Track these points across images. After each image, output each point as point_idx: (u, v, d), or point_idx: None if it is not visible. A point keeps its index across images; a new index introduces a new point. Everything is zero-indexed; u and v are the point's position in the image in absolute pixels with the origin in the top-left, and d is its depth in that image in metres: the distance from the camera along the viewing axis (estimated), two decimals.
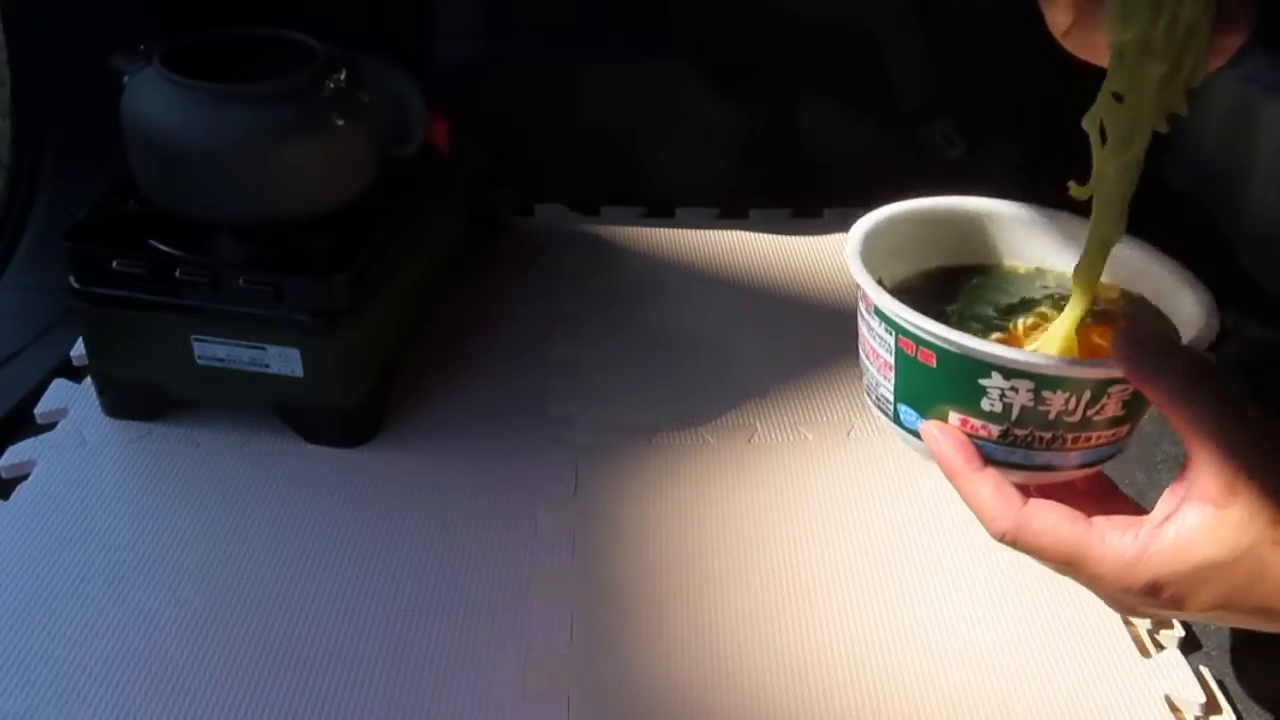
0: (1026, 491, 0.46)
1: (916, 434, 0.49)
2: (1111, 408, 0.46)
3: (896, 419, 0.50)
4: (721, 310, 1.04)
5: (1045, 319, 0.50)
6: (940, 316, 0.47)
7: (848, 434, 0.89)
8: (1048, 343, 0.48)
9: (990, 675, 0.70)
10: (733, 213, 1.19)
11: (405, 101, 0.90)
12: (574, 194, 1.19)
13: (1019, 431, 0.46)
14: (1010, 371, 0.44)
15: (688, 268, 1.10)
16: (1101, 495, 0.50)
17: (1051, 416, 0.45)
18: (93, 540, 0.76)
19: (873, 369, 0.51)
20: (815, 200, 1.20)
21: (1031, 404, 0.45)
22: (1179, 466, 0.44)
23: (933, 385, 0.47)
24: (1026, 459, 0.47)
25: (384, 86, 0.87)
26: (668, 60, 1.16)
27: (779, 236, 1.15)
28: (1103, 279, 0.51)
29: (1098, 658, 0.71)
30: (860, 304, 0.50)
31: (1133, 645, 0.72)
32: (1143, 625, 0.74)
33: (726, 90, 1.18)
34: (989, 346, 0.44)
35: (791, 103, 1.19)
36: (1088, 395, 0.45)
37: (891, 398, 0.50)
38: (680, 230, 1.16)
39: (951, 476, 0.47)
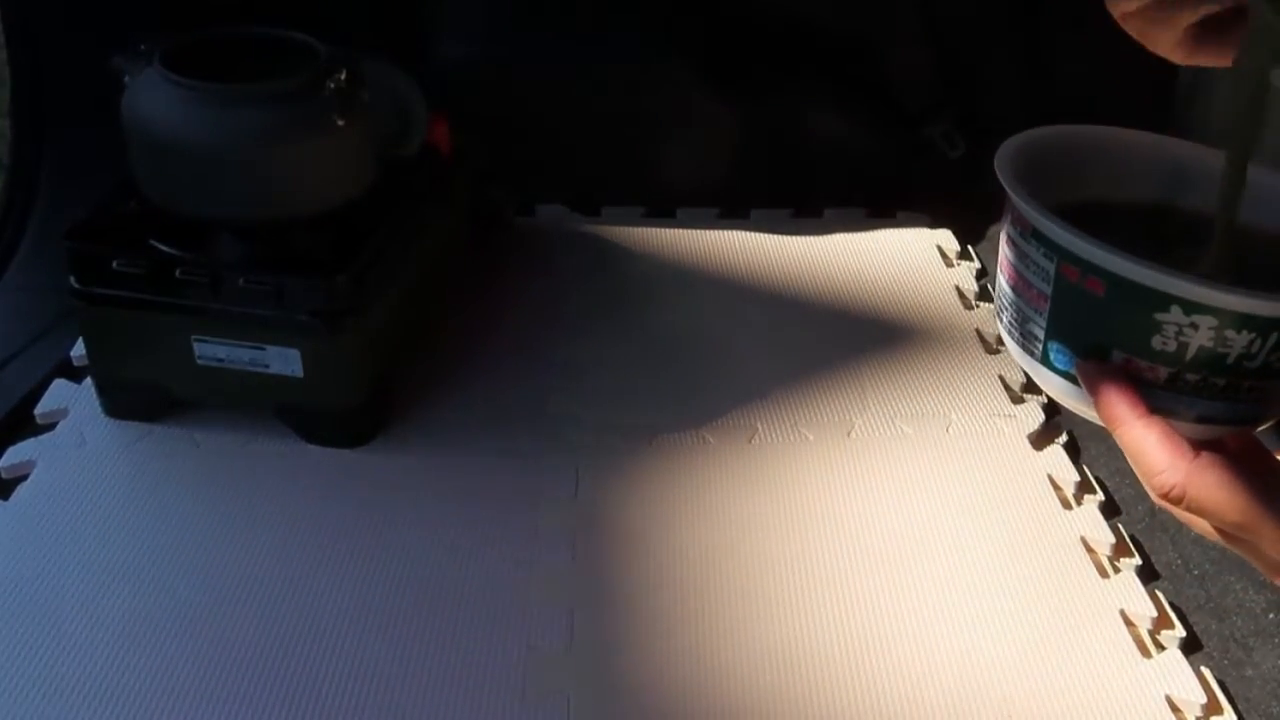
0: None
1: (1069, 376, 0.44)
2: None
3: (1045, 359, 0.45)
4: (722, 310, 1.04)
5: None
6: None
7: (848, 434, 0.89)
8: None
9: (991, 675, 0.70)
10: (733, 213, 1.19)
11: (406, 101, 0.90)
12: (575, 194, 1.19)
13: (1191, 376, 0.41)
14: (1193, 305, 0.39)
15: (688, 268, 1.10)
16: (1253, 458, 0.44)
17: (1230, 360, 0.40)
18: (92, 540, 0.76)
19: (1020, 301, 0.45)
20: (816, 200, 1.20)
21: (1211, 344, 0.40)
22: None
23: (1097, 319, 0.42)
24: (1190, 408, 0.42)
25: (384, 86, 0.87)
26: (669, 60, 1.16)
27: (780, 236, 1.15)
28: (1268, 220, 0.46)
29: (1099, 658, 0.71)
30: (1010, 229, 0.45)
31: (1134, 646, 0.72)
32: (1144, 626, 0.74)
33: (727, 90, 1.18)
34: (1171, 274, 0.39)
35: (792, 103, 1.19)
36: (1275, 337, 0.40)
37: (1042, 335, 0.44)
38: (681, 230, 1.16)
39: (1113, 423, 0.42)
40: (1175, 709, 0.68)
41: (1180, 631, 0.74)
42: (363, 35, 1.09)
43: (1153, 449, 0.42)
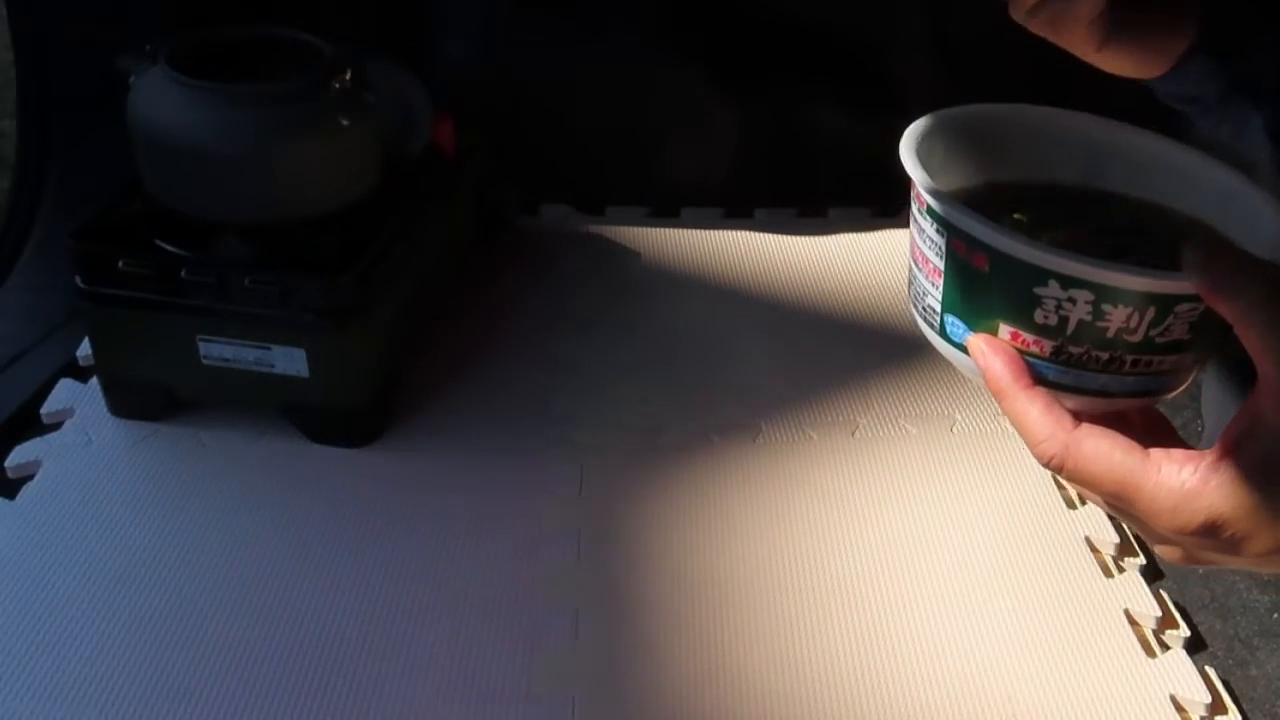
0: (1077, 418, 0.43)
1: (963, 348, 0.45)
2: (1177, 329, 0.42)
3: (942, 331, 0.46)
4: (726, 310, 1.04)
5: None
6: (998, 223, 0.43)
7: (853, 434, 0.89)
8: None
9: (996, 675, 0.70)
10: (738, 212, 1.19)
11: (410, 101, 0.90)
12: (579, 194, 1.19)
13: (1074, 349, 0.42)
14: (1068, 280, 0.40)
15: (692, 267, 1.10)
16: (1154, 430, 0.46)
17: (1110, 334, 0.41)
18: (98, 540, 0.76)
19: (921, 276, 0.47)
20: (820, 200, 1.20)
21: (1090, 318, 0.41)
22: (1197, 439, 0.42)
23: (984, 293, 0.43)
24: (1079, 381, 0.43)
25: (389, 87, 0.87)
26: (673, 61, 1.16)
27: (784, 236, 1.15)
28: (1156, 195, 0.48)
29: (1104, 658, 0.71)
30: (913, 204, 0.46)
31: (1138, 645, 0.72)
32: (1148, 626, 0.74)
33: (731, 91, 1.18)
34: (1046, 250, 0.41)
35: (796, 103, 1.19)
36: (1152, 312, 0.41)
37: (939, 308, 0.46)
38: (685, 230, 1.16)
39: (998, 395, 0.44)
40: (1180, 709, 0.68)
41: (1185, 631, 0.74)
42: (367, 35, 1.09)
43: (1034, 420, 0.43)
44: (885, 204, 1.20)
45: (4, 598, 0.71)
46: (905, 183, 0.46)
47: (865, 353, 0.98)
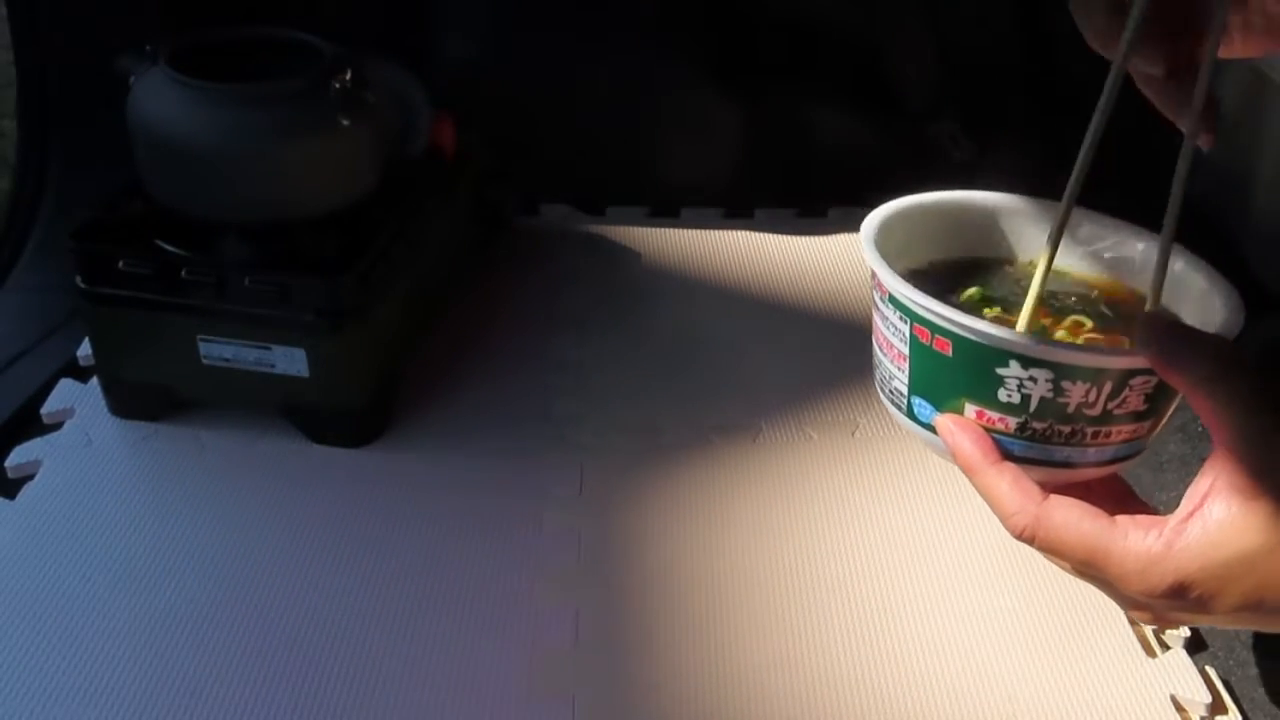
0: (1044, 489, 0.45)
1: (931, 428, 0.47)
2: (1134, 401, 0.44)
3: (910, 413, 0.48)
4: (726, 310, 1.04)
5: (1062, 320, 0.49)
6: (954, 307, 0.46)
7: (853, 434, 0.89)
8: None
9: (996, 675, 0.70)
10: (738, 212, 1.19)
11: (410, 101, 0.90)
12: (579, 194, 1.19)
13: (1037, 425, 0.45)
14: (1029, 360, 0.43)
15: (692, 267, 1.10)
16: (1119, 499, 0.48)
17: (1071, 409, 0.44)
18: (98, 540, 0.76)
19: (886, 361, 0.49)
20: (820, 200, 1.20)
21: (1050, 395, 0.44)
22: (1185, 466, 0.43)
23: (948, 375, 0.46)
24: (1044, 454, 0.46)
25: (389, 87, 0.87)
26: (673, 60, 1.17)
27: (784, 236, 1.15)
28: (1110, 276, 0.50)
29: (1103, 658, 0.71)
30: (874, 293, 0.49)
31: (1138, 645, 0.72)
32: (1148, 625, 0.74)
33: (732, 90, 1.18)
34: (1006, 333, 0.43)
35: (797, 102, 1.19)
36: (1109, 387, 0.43)
37: (905, 390, 0.48)
38: (685, 230, 1.16)
39: (968, 471, 0.46)
40: (1180, 709, 0.68)
41: (1185, 631, 0.74)
42: (367, 35, 1.09)
43: (1004, 494, 0.45)
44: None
45: (4, 597, 0.71)
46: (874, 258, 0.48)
47: (865, 352, 0.97)
